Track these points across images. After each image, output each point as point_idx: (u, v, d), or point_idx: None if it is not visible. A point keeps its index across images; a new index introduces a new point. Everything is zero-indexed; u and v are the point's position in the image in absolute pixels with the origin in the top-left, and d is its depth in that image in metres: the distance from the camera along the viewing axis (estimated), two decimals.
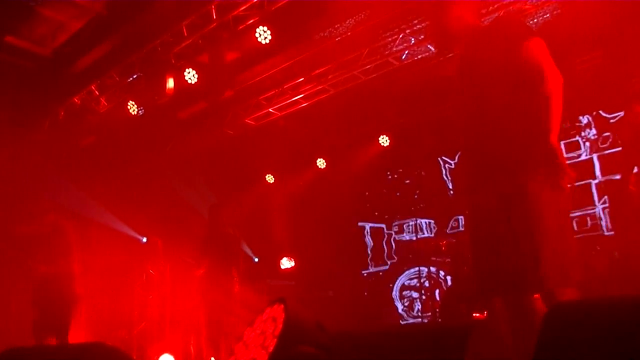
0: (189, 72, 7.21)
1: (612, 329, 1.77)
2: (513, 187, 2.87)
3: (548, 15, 7.04)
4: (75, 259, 6.46)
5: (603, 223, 7.49)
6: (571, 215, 5.62)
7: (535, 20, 7.15)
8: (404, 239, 10.04)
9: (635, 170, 5.67)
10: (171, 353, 8.52)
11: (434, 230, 9.53)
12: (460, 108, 3.36)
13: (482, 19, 3.48)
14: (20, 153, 7.87)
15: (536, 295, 2.88)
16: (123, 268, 9.13)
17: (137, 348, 8.66)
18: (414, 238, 8.87)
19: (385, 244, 10.27)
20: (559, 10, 6.95)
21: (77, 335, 7.68)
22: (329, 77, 8.28)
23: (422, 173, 9.95)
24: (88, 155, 9.04)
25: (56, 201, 7.76)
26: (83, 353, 3.06)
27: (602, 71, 7.45)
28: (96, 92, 8.25)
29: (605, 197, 7.67)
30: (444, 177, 9.66)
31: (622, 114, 7.63)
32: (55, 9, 6.63)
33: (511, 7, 6.77)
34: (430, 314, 7.74)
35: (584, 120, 8.16)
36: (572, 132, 8.21)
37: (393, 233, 10.21)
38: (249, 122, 9.40)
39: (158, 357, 8.40)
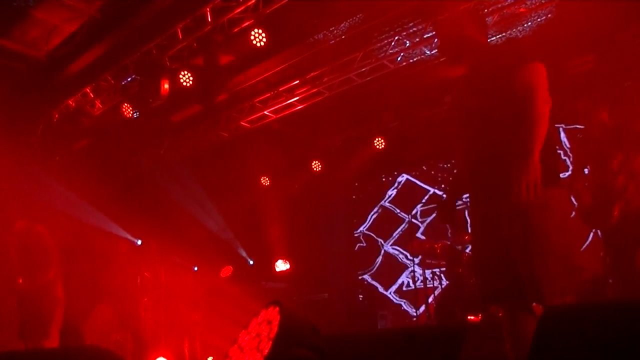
0: (184, 75, 7.20)
1: (604, 333, 1.78)
2: (510, 202, 3.04)
3: (543, 18, 7.07)
4: (54, 264, 6.35)
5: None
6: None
7: (530, 23, 7.19)
8: (399, 241, 10.05)
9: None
10: (165, 356, 8.50)
11: (428, 233, 9.54)
12: (460, 121, 3.58)
13: (487, 36, 3.74)
14: (14, 156, 7.85)
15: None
16: (118, 271, 9.11)
17: (131, 351, 8.63)
18: (409, 240, 8.87)
19: (381, 246, 10.27)
20: (551, 15, 6.98)
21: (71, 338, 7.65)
22: (324, 79, 8.28)
23: (414, 174, 9.98)
24: (82, 158, 9.02)
25: (50, 204, 7.73)
26: (77, 356, 3.05)
27: (594, 75, 7.49)
28: (91, 94, 8.24)
29: None
30: (438, 179, 9.68)
31: None
32: (49, 12, 6.61)
33: (505, 11, 6.80)
34: (425, 316, 7.75)
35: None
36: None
37: (388, 235, 10.21)
38: (244, 124, 9.40)
39: None
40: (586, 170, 5.63)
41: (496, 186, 3.18)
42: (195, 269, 10.10)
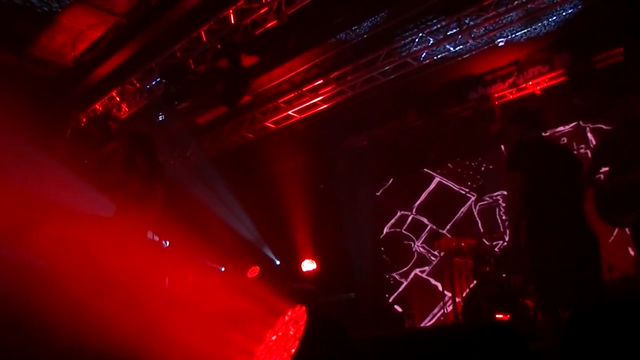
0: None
1: (635, 332, 1.75)
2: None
3: (569, 12, 6.98)
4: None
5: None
6: None
7: (555, 17, 7.10)
8: (426, 239, 9.99)
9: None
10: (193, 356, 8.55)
11: (455, 230, 9.47)
12: None
13: None
14: (43, 161, 7.96)
15: None
16: (145, 272, 9.17)
17: (159, 351, 8.69)
18: (435, 239, 8.80)
19: (408, 244, 10.22)
20: (579, 7, 6.88)
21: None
22: (348, 79, 8.28)
23: (440, 172, 9.91)
24: (109, 161, 9.12)
25: (77, 208, 7.82)
26: None
27: (622, 68, 7.36)
28: (117, 98, 8.34)
29: None
30: (464, 177, 9.60)
31: None
32: (75, 18, 6.71)
33: (529, 5, 6.72)
34: (452, 315, 7.69)
35: None
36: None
37: (414, 234, 10.16)
38: (269, 125, 9.43)
39: None
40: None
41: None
42: (223, 269, 10.15)
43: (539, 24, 7.25)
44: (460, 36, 7.29)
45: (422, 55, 7.80)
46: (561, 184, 4.61)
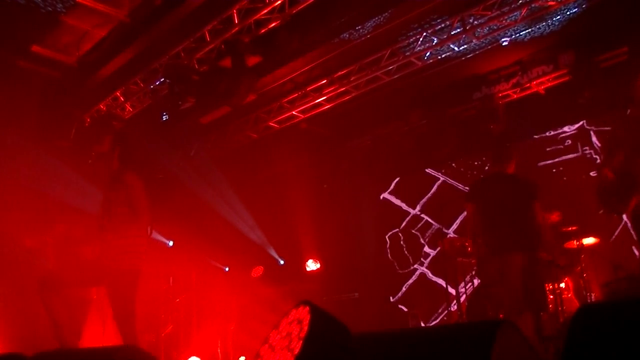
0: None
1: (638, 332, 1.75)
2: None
3: (574, 11, 6.96)
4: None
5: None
6: None
7: (559, 17, 7.08)
8: (430, 239, 9.99)
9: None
10: (198, 356, 8.58)
11: (459, 230, 9.46)
12: None
13: None
14: (48, 160, 7.98)
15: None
16: (149, 272, 9.20)
17: (164, 351, 8.73)
18: (439, 239, 8.79)
19: (412, 244, 10.22)
20: (584, 6, 6.86)
21: (104, 338, 7.78)
22: (352, 78, 8.28)
23: (444, 172, 9.90)
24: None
25: (82, 208, 7.85)
26: (114, 355, 3.10)
27: (627, 68, 7.33)
28: (121, 98, 8.35)
29: None
30: (468, 177, 9.59)
31: None
32: (80, 18, 6.73)
33: (533, 4, 6.71)
34: (457, 314, 7.69)
35: None
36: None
37: (420, 233, 10.16)
38: (272, 125, 9.44)
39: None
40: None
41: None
42: (227, 269, 10.17)
43: (543, 24, 7.23)
44: (464, 36, 7.29)
45: (426, 55, 7.80)
46: (506, 214, 5.58)
